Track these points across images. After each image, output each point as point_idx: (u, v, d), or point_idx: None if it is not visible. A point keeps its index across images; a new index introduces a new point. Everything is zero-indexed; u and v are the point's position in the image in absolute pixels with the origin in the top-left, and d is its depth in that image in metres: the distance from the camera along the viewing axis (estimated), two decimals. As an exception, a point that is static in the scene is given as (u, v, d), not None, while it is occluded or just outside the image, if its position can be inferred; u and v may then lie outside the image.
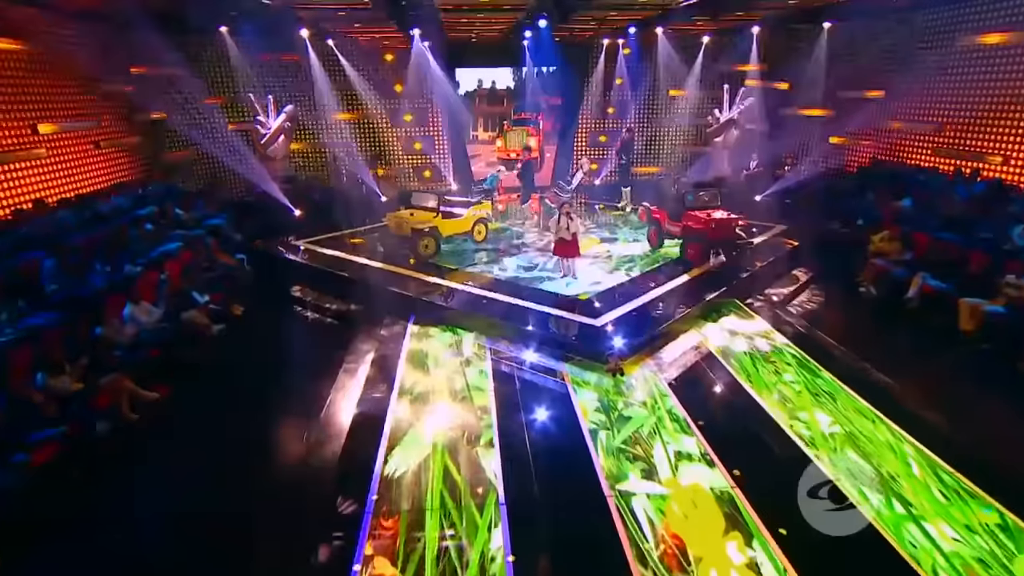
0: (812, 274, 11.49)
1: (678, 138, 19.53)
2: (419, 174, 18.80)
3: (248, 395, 7.37)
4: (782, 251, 11.88)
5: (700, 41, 17.37)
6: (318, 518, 5.23)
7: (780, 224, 13.88)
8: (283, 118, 15.51)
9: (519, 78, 20.19)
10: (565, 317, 8.73)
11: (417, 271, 10.73)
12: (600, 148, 19.56)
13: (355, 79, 16.90)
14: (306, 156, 17.88)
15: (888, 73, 14.27)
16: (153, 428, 6.81)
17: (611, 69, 18.44)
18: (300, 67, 16.68)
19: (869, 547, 4.78)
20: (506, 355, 8.16)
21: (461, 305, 9.33)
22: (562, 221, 9.82)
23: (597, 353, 7.83)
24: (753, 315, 9.46)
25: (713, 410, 6.89)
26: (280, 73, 16.68)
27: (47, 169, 11.03)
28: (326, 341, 8.99)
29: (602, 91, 18.60)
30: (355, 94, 17.25)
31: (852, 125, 15.53)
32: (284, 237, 13.03)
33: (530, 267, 11.05)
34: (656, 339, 8.40)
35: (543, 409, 6.87)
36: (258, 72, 16.26)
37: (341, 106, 17.17)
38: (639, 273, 10.70)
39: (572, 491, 5.52)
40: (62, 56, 11.35)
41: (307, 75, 16.68)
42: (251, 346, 8.89)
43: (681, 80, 18.23)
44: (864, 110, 15.11)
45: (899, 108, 14.09)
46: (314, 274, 11.08)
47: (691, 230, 10.92)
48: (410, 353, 8.32)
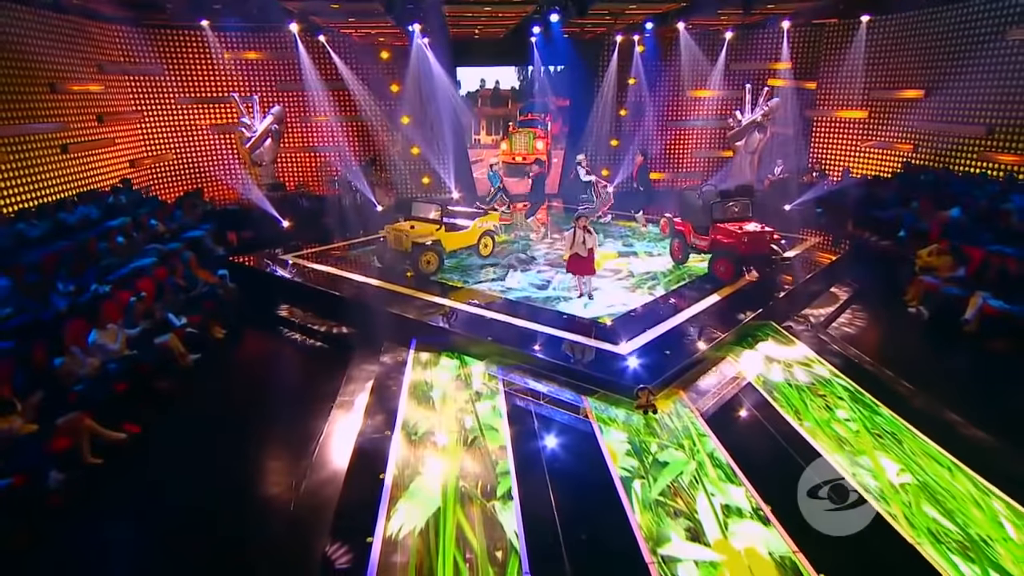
0: (853, 292, 11.07)
1: (701, 142, 19.14)
2: (417, 180, 18.42)
3: (230, 434, 6.90)
4: (818, 266, 11.41)
5: (722, 38, 16.99)
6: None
7: (813, 236, 13.49)
8: (270, 120, 15.23)
9: (524, 77, 19.86)
10: (585, 343, 8.26)
11: (418, 289, 10.29)
12: (612, 154, 19.15)
13: (349, 78, 16.57)
14: (295, 161, 17.55)
15: (931, 70, 13.87)
16: (119, 475, 6.30)
17: (625, 68, 18.05)
18: (289, 65, 16.36)
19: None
20: (521, 388, 7.65)
21: (468, 328, 8.88)
22: (577, 235, 9.32)
23: (623, 386, 7.33)
24: (793, 340, 8.98)
25: (760, 454, 6.36)
26: (267, 71, 16.39)
27: (3, 175, 10.50)
28: (318, 370, 8.56)
29: (615, 92, 18.22)
30: (349, 94, 16.93)
31: (890, 127, 15.17)
32: (271, 250, 12.64)
33: (543, 285, 10.60)
34: (688, 369, 7.89)
35: (567, 452, 6.36)
36: (243, 70, 15.90)
37: (334, 107, 16.85)
38: (663, 292, 10.27)
39: (607, 557, 4.97)
40: (21, 50, 10.88)
41: (297, 73, 16.34)
42: (234, 376, 8.48)
43: (703, 79, 17.87)
44: (903, 111, 14.75)
45: (942, 108, 13.66)
46: (304, 292, 10.67)
47: (720, 244, 10.49)
48: (413, 385, 7.81)
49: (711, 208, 10.71)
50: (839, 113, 16.72)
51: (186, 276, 10.07)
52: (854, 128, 16.50)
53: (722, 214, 10.76)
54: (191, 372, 8.29)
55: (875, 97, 15.65)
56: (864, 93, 15.91)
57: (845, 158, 16.86)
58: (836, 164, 17.08)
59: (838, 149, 17.16)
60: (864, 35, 15.18)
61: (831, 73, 16.78)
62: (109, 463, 6.40)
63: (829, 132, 17.34)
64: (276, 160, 16.10)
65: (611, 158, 18.82)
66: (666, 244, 12.71)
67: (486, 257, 11.92)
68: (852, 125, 16.54)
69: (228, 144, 16.20)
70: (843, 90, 16.48)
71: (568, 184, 18.54)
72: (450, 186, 17.10)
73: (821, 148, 17.62)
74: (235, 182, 15.79)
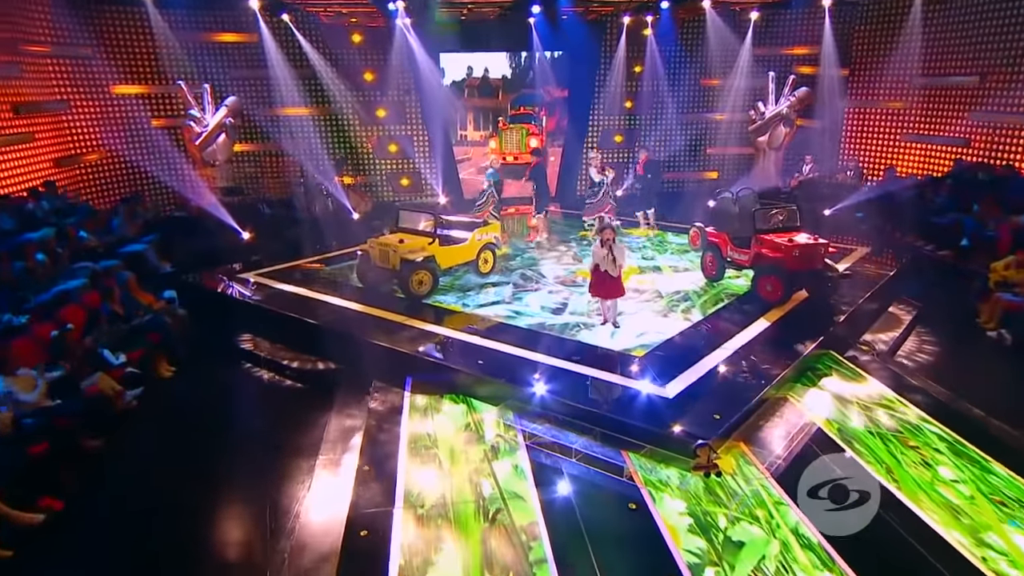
0: (916, 312, 10.50)
1: (728, 138, 18.71)
2: (395, 183, 17.84)
3: (181, 507, 6.04)
4: (873, 283, 10.91)
5: (746, 19, 16.53)
6: None
7: (857, 246, 12.98)
8: (223, 113, 14.55)
9: (517, 65, 19.20)
10: (619, 384, 7.57)
11: (408, 315, 9.58)
12: (615, 151, 18.68)
13: (318, 64, 16.02)
14: (255, 161, 16.93)
15: (990, 51, 13.44)
16: (35, 570, 5.33)
17: (634, 55, 17.57)
18: (247, 49, 15.79)
19: None
20: (546, 441, 6.86)
21: (473, 364, 8.16)
22: (602, 249, 8.56)
23: (673, 439, 6.59)
24: (861, 373, 8.36)
25: (855, 527, 5.59)
26: (221, 56, 15.80)
27: None
28: (292, 417, 7.71)
29: (623, 81, 17.77)
30: (318, 84, 16.41)
31: (938, 120, 14.76)
32: (229, 267, 11.95)
33: (558, 308, 9.93)
34: (748, 415, 7.17)
35: (615, 528, 5.61)
36: (192, 54, 15.33)
37: (300, 98, 16.27)
38: (701, 316, 9.67)
39: None
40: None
41: (257, 59, 15.75)
42: (186, 427, 7.55)
43: (728, 66, 17.49)
44: (954, 100, 14.33)
45: (1004, 96, 13.21)
46: (271, 319, 9.94)
47: (765, 259, 9.94)
48: (413, 439, 7.01)
49: (753, 216, 10.09)
50: (882, 104, 16.25)
51: (124, 301, 9.23)
52: (894, 120, 16.10)
53: (766, 223, 10.15)
54: (131, 424, 7.37)
55: (920, 84, 15.23)
56: (907, 80, 15.50)
57: (883, 154, 16.45)
58: (874, 162, 16.65)
59: (875, 144, 16.75)
60: (919, 12, 14.70)
61: (868, 58, 16.35)
62: (21, 554, 5.45)
63: (865, 125, 16.92)
64: (231, 159, 15.44)
65: (618, 156, 18.35)
66: (693, 256, 12.22)
67: (486, 275, 11.25)
68: (892, 117, 16.14)
69: (174, 141, 15.47)
70: (882, 77, 16.06)
71: (567, 186, 17.95)
72: (436, 189, 16.37)
73: (855, 144, 17.20)
74: (183, 185, 15.07)
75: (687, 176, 19.02)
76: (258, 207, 14.75)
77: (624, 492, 6.06)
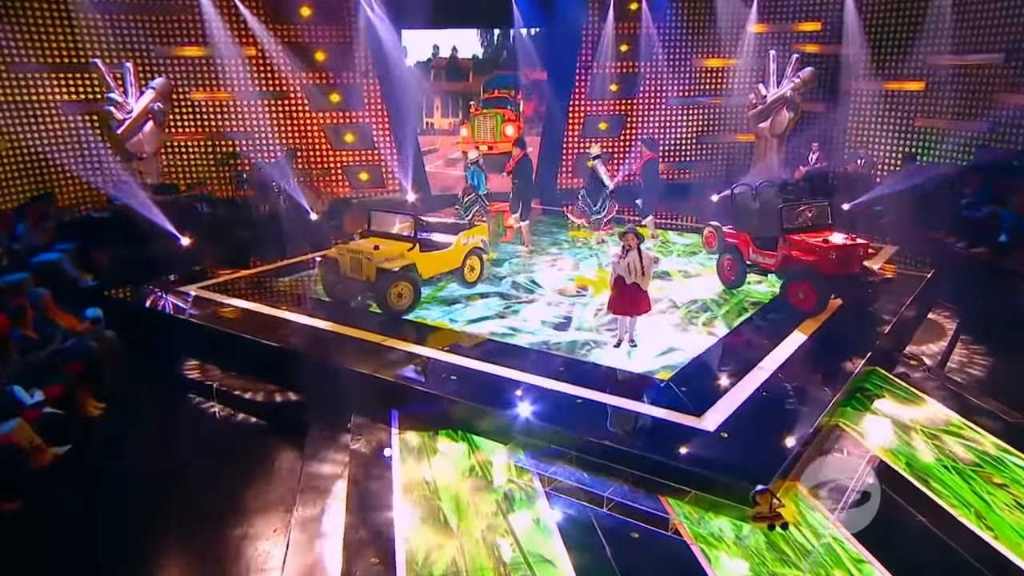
0: (959, 319, 10.35)
1: (735, 124, 18.63)
2: (353, 177, 17.37)
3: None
4: (911, 287, 10.74)
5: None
6: None
7: (881, 244, 12.83)
8: (151, 97, 13.91)
9: (489, 43, 18.81)
10: (646, 413, 7.13)
11: (386, 334, 9.05)
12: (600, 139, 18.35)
13: (264, 39, 15.53)
14: (191, 153, 16.20)
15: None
16: None
17: (625, 29, 17.34)
18: (178, 21, 15.15)
19: None
20: (569, 487, 6.31)
21: (469, 393, 7.64)
22: (627, 258, 7.98)
23: (722, 480, 6.12)
24: (917, 393, 8.06)
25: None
26: (148, 30, 15.07)
27: None
28: (253, 466, 7.07)
29: (612, 60, 17.54)
30: (264, 62, 15.86)
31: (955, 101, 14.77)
32: (164, 278, 11.41)
33: (562, 324, 9.52)
34: (803, 450, 6.75)
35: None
36: (112, 27, 14.59)
37: (241, 79, 15.69)
38: (726, 329, 9.34)
39: None
40: None
41: (190, 32, 15.18)
42: (120, 481, 6.84)
43: (732, 43, 17.42)
44: (974, 80, 14.39)
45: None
46: (222, 341, 9.34)
47: (797, 262, 9.64)
48: (408, 487, 6.41)
49: (780, 214, 9.74)
50: (889, 85, 16.19)
51: (38, 324, 8.44)
52: (906, 103, 16.04)
53: (794, 221, 9.87)
54: (54, 477, 6.64)
55: (935, 63, 15.20)
56: (921, 59, 15.45)
57: (893, 141, 16.45)
58: (885, 149, 16.64)
59: (885, 130, 16.68)
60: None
61: (879, 35, 16.27)
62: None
63: (874, 108, 16.79)
64: (160, 151, 14.78)
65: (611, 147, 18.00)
66: (704, 260, 12.04)
67: (472, 284, 10.78)
68: (903, 100, 16.07)
69: (92, 128, 14.65)
70: (895, 56, 16.01)
71: (546, 180, 17.51)
72: (404, 184, 15.88)
73: (863, 129, 17.15)
74: (103, 181, 14.43)
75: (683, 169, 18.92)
76: (194, 207, 14.09)
77: (674, 552, 5.52)
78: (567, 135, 18.30)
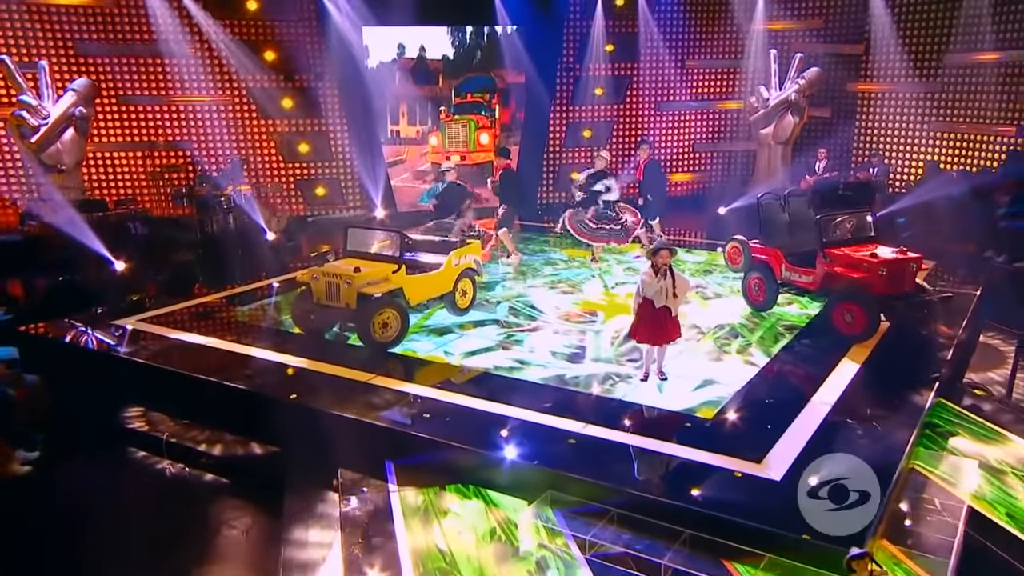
0: (1017, 341, 10.13)
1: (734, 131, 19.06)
2: (308, 193, 17.35)
3: None
4: (963, 307, 10.53)
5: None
6: None
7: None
8: (71, 100, 13.98)
9: (460, 43, 18.59)
10: (696, 461, 6.63)
11: (370, 370, 8.57)
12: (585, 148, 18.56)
13: (211, 34, 15.50)
14: (120, 165, 16.00)
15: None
16: None
17: (615, 27, 17.61)
18: (105, 13, 15.10)
19: None
20: (616, 553, 5.77)
21: (479, 439, 7.14)
22: (664, 279, 7.54)
23: (803, 542, 5.56)
24: (994, 428, 7.77)
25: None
26: (65, 23, 14.87)
27: None
28: (214, 538, 6.51)
29: (599, 60, 17.81)
30: (209, 61, 15.79)
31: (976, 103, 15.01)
32: (94, 310, 10.88)
33: (576, 354, 9.16)
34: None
35: None
36: (26, 19, 14.46)
37: (180, 80, 15.67)
38: (763, 357, 9.00)
39: None
40: None
41: (116, 26, 15.00)
42: (52, 556, 6.26)
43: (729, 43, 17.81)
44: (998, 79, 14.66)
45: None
46: (170, 383, 8.80)
47: (841, 281, 9.36)
48: (419, 560, 5.79)
49: (819, 225, 9.47)
50: (909, 85, 16.47)
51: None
52: (921, 106, 16.28)
53: (834, 234, 9.66)
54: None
55: (952, 63, 15.44)
56: (937, 57, 15.73)
57: (906, 146, 16.69)
58: (901, 155, 16.88)
59: (897, 135, 16.99)
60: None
61: (907, 32, 16.53)
62: None
63: (890, 111, 17.14)
64: (82, 162, 14.61)
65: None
66: (720, 278, 12.10)
67: (464, 311, 10.38)
68: (922, 101, 16.30)
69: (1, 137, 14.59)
70: (907, 54, 16.30)
71: (529, 197, 17.35)
72: (374, 199, 16.04)
73: (872, 134, 17.45)
74: (15, 197, 14.38)
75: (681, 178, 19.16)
76: (126, 226, 13.75)
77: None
78: (549, 144, 18.36)
